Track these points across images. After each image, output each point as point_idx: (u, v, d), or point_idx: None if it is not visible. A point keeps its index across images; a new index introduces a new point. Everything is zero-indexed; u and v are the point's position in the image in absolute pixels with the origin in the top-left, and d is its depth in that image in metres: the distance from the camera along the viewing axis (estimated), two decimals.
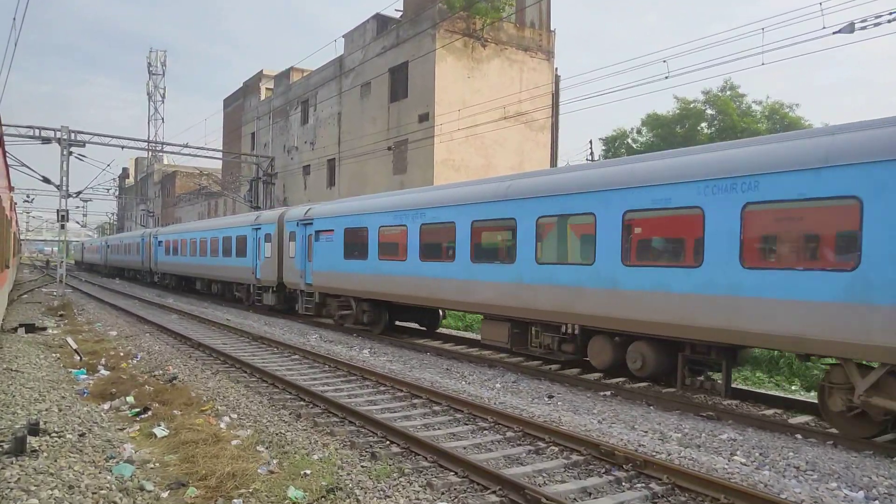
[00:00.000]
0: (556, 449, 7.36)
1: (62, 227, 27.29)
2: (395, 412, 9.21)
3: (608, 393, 10.38)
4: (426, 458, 6.94)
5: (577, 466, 6.86)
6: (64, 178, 27.55)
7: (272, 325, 19.95)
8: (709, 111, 35.76)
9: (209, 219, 42.34)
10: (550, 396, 10.00)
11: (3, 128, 14.73)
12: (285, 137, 39.11)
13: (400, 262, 15.28)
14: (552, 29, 29.28)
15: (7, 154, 21.64)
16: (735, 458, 6.96)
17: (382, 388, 10.73)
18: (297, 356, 14.09)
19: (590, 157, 34.95)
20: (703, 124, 35.96)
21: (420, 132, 26.44)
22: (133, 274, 46.39)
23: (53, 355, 14.29)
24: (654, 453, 6.99)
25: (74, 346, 14.48)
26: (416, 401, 9.83)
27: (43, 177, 27.89)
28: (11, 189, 20.42)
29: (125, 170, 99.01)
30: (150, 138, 77.73)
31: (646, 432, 8.02)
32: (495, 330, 12.77)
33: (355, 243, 17.07)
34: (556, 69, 28.91)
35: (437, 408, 9.37)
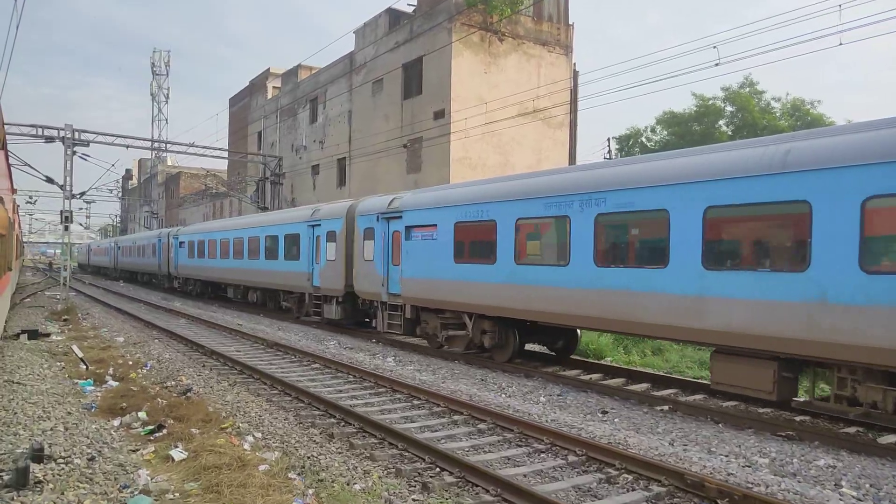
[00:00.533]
0: (631, 477, 6.46)
1: (66, 228, 26.46)
2: (435, 431, 8.32)
3: (666, 407, 9.47)
4: (487, 491, 6.05)
5: (660, 500, 5.96)
6: (67, 178, 26.73)
7: (287, 331, 19.07)
8: (728, 108, 34.82)
9: (246, 215, 36.62)
10: (604, 412, 9.10)
11: (6, 126, 14.33)
12: (293, 136, 38.27)
13: (555, 267, 11.24)
14: (570, 23, 28.40)
15: (10, 153, 20.96)
16: (843, 490, 6.05)
17: (417, 403, 9.84)
18: (317, 365, 13.21)
19: (607, 156, 34.06)
20: (723, 121, 35.04)
21: (435, 129, 25.57)
22: (147, 278, 43.12)
23: (58, 364, 13.44)
24: (748, 484, 6.09)
25: (80, 354, 13.62)
26: (456, 417, 8.94)
27: (46, 177, 27.11)
28: (14, 191, 19.91)
29: (128, 171, 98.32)
30: (155, 136, 77.02)
31: (726, 456, 7.12)
32: None
33: (475, 242, 13.26)
34: (574, 64, 28.02)
35: (482, 426, 8.48)
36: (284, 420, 8.83)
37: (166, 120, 78.05)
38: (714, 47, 12.75)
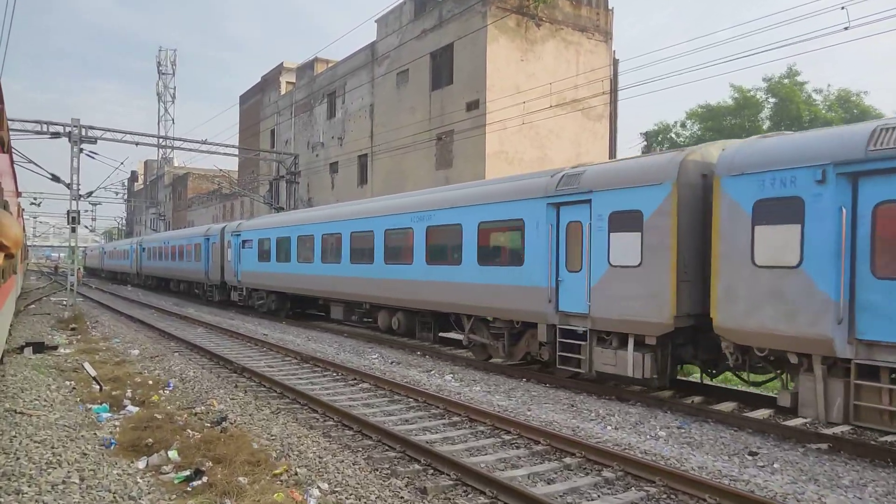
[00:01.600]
0: None
1: (73, 230, 24.74)
2: (552, 482, 6.51)
3: (823, 446, 7.62)
4: None
5: None
6: (74, 176, 25.03)
7: (319, 342, 17.28)
8: (770, 99, 32.92)
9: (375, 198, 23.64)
10: (753, 453, 7.27)
11: (9, 122, 13.18)
12: (309, 133, 36.52)
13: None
14: (609, 7, 26.58)
15: (14, 150, 19.30)
16: None
17: (508, 438, 8.03)
18: (366, 385, 11.41)
19: (644, 151, 32.20)
20: (765, 113, 33.13)
21: (468, 122, 23.79)
22: (186, 287, 34.27)
23: (67, 384, 11.70)
24: None
25: (92, 372, 11.86)
26: (569, 460, 7.13)
27: (52, 174, 25.38)
28: (19, 194, 19.32)
29: (134, 173, 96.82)
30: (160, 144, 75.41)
31: None
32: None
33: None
34: (614, 52, 26.22)
35: (607, 473, 6.67)
36: (353, 465, 7.03)
37: (173, 120, 76.49)
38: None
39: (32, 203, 45.18)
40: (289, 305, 22.93)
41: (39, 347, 15.16)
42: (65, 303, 30.91)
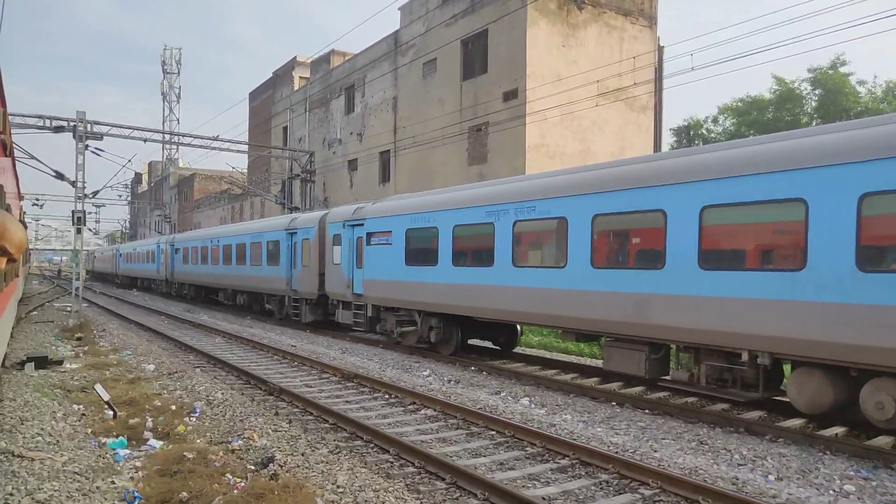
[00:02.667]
0: None
1: (78, 231, 23.00)
2: None
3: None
4: None
5: None
6: (80, 174, 23.27)
7: (356, 354, 15.45)
8: (815, 91, 31.04)
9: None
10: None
11: (10, 117, 13.17)
12: (325, 130, 34.73)
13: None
14: None
15: (15, 145, 17.59)
16: None
17: (648, 493, 6.21)
18: (431, 411, 9.58)
19: (674, 145, 30.36)
20: (810, 106, 31.26)
21: (505, 112, 21.99)
22: (248, 301, 26.18)
23: (75, 408, 9.93)
24: None
25: (106, 396, 10.05)
26: None
27: (55, 171, 23.60)
28: (21, 197, 18.70)
29: (137, 175, 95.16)
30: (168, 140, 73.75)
31: None
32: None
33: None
34: (659, 38, 24.42)
35: None
36: None
37: (178, 120, 74.79)
38: None
39: (35, 204, 43.46)
40: (458, 334, 14.56)
41: (42, 362, 13.38)
42: (69, 308, 29.17)
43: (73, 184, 23.19)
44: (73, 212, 23.10)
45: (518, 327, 14.96)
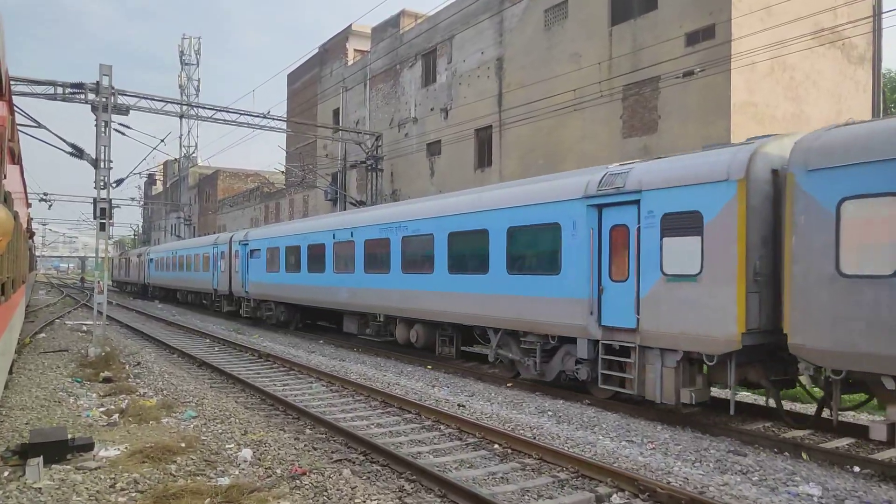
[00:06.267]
0: None
1: (101, 227, 16.89)
2: None
3: None
4: None
5: None
6: (104, 149, 17.19)
7: (410, 377, 9.26)
8: None
9: None
10: None
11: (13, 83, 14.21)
12: (393, 108, 28.67)
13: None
14: None
15: (18, 110, 14.62)
16: None
17: None
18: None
19: None
20: None
21: (691, 58, 15.90)
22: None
23: None
24: None
25: None
26: None
27: (72, 146, 17.43)
28: (29, 205, 18.32)
29: (151, 177, 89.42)
30: (184, 136, 68.07)
31: None
32: None
33: None
34: None
35: None
36: None
37: (196, 115, 68.69)
38: None
39: (42, 200, 37.36)
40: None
41: (60, 451, 7.29)
42: (85, 328, 23.07)
43: (95, 163, 17.11)
44: (94, 201, 17.03)
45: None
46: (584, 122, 18.99)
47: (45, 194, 37.54)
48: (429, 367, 14.45)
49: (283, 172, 39.74)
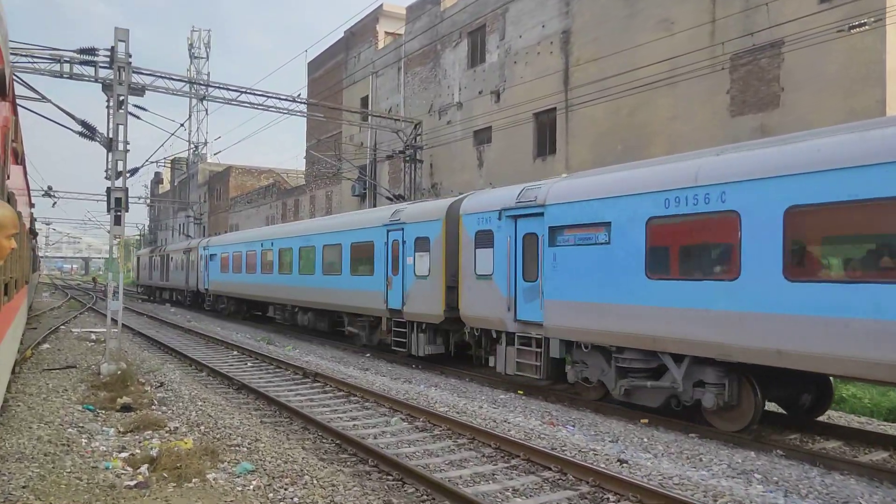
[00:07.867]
0: None
1: (116, 220, 14.23)
2: None
3: None
4: None
5: None
6: (121, 128, 14.53)
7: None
8: None
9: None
10: None
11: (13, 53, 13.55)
12: (433, 93, 25.98)
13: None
14: None
15: (17, 80, 11.96)
16: None
17: None
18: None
19: None
20: None
21: (825, 15, 13.22)
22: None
23: None
24: None
25: None
26: None
27: (82, 123, 14.72)
28: (32, 205, 18.08)
29: (157, 175, 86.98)
30: (192, 134, 65.48)
31: None
32: None
33: None
34: None
35: None
36: None
37: (206, 111, 66.30)
38: None
39: (46, 194, 34.80)
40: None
41: None
42: (94, 337, 20.39)
43: (109, 145, 14.44)
44: (108, 190, 14.37)
45: None
46: (677, 99, 16.28)
47: (49, 188, 34.99)
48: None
49: (302, 171, 37.02)
